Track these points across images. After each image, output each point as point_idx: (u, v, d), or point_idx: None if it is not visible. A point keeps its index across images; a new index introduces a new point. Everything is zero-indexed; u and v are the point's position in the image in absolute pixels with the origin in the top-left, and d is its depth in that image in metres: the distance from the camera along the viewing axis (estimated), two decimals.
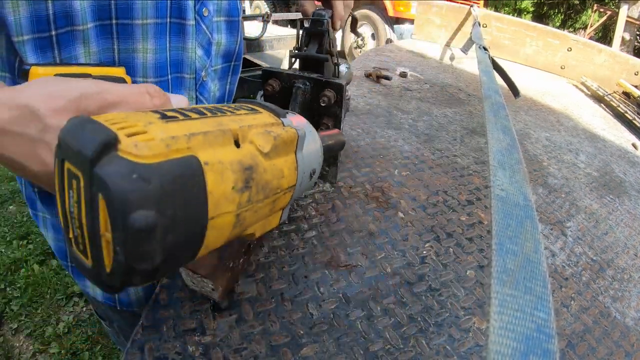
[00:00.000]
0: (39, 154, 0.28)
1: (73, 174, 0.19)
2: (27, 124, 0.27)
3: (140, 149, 0.18)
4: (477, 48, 1.11)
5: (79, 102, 0.27)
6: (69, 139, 0.19)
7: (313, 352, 0.40)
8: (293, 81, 0.56)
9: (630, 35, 5.51)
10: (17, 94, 0.27)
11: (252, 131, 0.25)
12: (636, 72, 1.42)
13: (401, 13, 4.61)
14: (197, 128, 0.22)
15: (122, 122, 0.20)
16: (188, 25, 0.49)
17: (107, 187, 0.17)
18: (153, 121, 0.20)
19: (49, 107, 0.27)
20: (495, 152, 0.42)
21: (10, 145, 0.28)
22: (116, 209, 0.17)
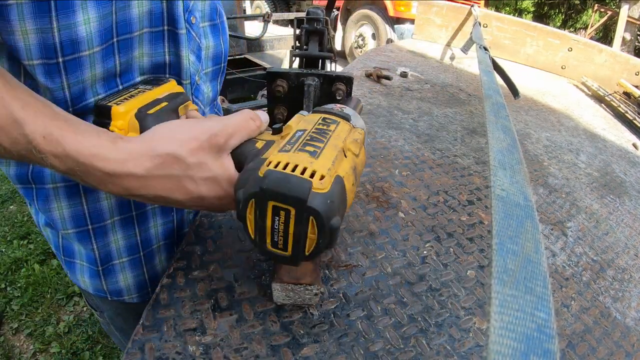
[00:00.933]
0: (184, 186, 0.35)
1: (281, 208, 0.29)
2: (171, 167, 0.33)
3: (323, 185, 0.30)
4: (478, 48, 1.11)
5: (210, 141, 0.34)
6: (278, 188, 0.29)
7: (313, 352, 0.40)
8: (302, 79, 0.56)
9: (630, 35, 5.51)
10: (154, 144, 0.33)
11: (347, 143, 0.36)
12: (637, 72, 1.42)
13: (402, 13, 4.61)
14: (331, 156, 0.33)
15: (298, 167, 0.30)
16: (180, 34, 0.50)
17: (318, 212, 0.29)
18: (311, 160, 0.31)
19: (188, 150, 0.33)
20: (495, 152, 0.42)
21: (155, 186, 0.34)
22: (324, 223, 0.30)
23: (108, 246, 0.56)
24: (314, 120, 0.38)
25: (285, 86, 0.57)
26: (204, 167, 0.34)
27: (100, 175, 0.33)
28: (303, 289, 0.43)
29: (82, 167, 0.32)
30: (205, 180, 0.35)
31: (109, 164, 0.32)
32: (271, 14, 2.56)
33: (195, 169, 0.34)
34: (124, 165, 0.32)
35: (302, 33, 0.62)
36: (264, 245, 0.32)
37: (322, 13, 0.60)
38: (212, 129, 0.34)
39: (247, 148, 0.37)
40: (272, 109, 0.59)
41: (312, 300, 0.44)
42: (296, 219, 0.30)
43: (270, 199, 0.30)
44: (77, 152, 0.32)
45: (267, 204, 0.30)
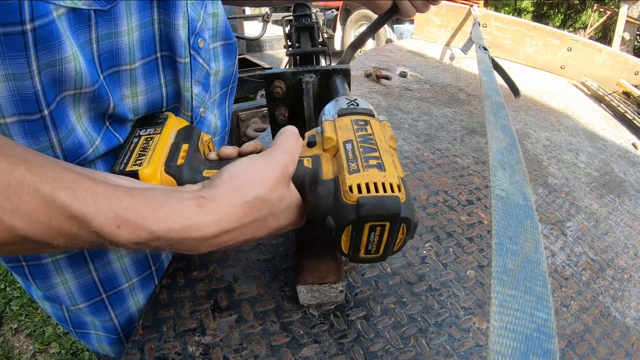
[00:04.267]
0: (268, 223, 0.34)
1: (377, 226, 0.32)
2: (259, 210, 0.32)
3: (402, 194, 0.33)
4: (477, 48, 1.11)
5: (284, 173, 0.34)
6: (376, 212, 0.31)
7: (313, 352, 0.40)
8: (299, 78, 0.56)
9: (630, 35, 5.51)
10: (239, 192, 0.31)
11: (388, 141, 0.38)
12: (636, 72, 1.42)
13: None
14: (390, 162, 0.35)
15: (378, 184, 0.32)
16: (180, 63, 0.43)
17: (408, 219, 0.32)
18: (384, 174, 0.33)
19: (270, 189, 0.32)
20: (495, 152, 0.42)
21: (246, 231, 0.33)
22: (411, 224, 0.33)
23: (128, 311, 0.51)
24: (349, 126, 0.39)
25: (284, 87, 0.57)
26: (283, 199, 0.34)
27: (196, 242, 0.30)
28: (328, 287, 0.43)
29: (174, 241, 0.29)
30: (284, 210, 0.35)
31: (206, 230, 0.29)
32: (270, 14, 2.56)
33: (277, 204, 0.34)
34: (219, 226, 0.30)
35: (292, 31, 0.62)
36: (357, 255, 0.35)
37: (309, 8, 0.59)
38: (282, 161, 0.34)
39: (300, 169, 0.37)
40: (272, 110, 0.59)
41: (338, 298, 0.44)
42: (390, 229, 0.33)
43: (367, 222, 0.32)
44: (167, 231, 0.28)
45: (364, 227, 0.32)
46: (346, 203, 0.32)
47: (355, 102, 0.43)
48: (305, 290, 0.43)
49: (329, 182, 0.35)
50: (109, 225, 0.26)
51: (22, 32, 0.29)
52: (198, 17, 0.44)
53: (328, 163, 0.37)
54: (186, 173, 0.38)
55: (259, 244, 0.52)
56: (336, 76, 0.56)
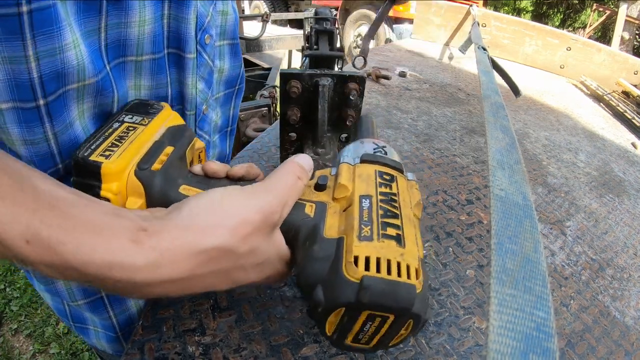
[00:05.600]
0: (232, 277, 0.28)
1: (378, 316, 0.26)
2: (219, 262, 0.26)
3: (420, 283, 0.26)
4: (477, 48, 1.11)
5: (266, 222, 0.27)
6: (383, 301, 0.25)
7: (313, 352, 0.40)
8: (315, 80, 0.57)
9: (629, 35, 5.51)
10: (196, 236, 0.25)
11: (413, 208, 0.31)
12: (635, 72, 1.42)
13: (400, 13, 4.61)
14: (413, 236, 0.28)
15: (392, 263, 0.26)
16: (188, 59, 0.41)
17: (419, 316, 0.26)
18: (401, 252, 0.26)
19: (238, 239, 0.26)
20: (494, 151, 0.42)
21: (199, 284, 0.26)
22: (421, 322, 0.26)
23: (127, 311, 0.49)
24: (371, 177, 0.31)
25: (300, 87, 0.57)
26: (257, 253, 0.28)
27: (123, 285, 0.23)
28: None
29: (92, 278, 0.23)
30: (257, 265, 0.28)
31: (134, 273, 0.23)
32: (270, 14, 2.56)
33: (247, 257, 0.27)
34: (156, 272, 0.24)
35: (312, 33, 0.63)
36: (342, 341, 0.28)
37: (331, 13, 0.60)
38: (267, 206, 0.27)
39: (298, 216, 0.30)
40: (285, 110, 0.60)
41: None
42: (393, 324, 0.26)
43: (367, 310, 0.25)
44: (84, 263, 0.22)
45: (361, 313, 0.25)
46: (346, 278, 0.25)
47: (384, 149, 0.36)
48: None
49: (330, 241, 0.28)
50: (17, 239, 0.21)
51: (17, 13, 0.27)
52: (207, 13, 0.43)
53: (335, 217, 0.30)
54: (158, 182, 0.31)
55: None
56: (365, 117, 0.54)
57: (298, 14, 3.80)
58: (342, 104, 0.61)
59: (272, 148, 0.74)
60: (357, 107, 0.61)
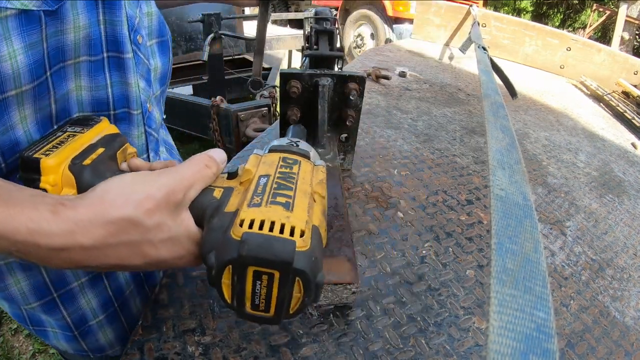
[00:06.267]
0: (143, 251, 0.31)
1: (263, 272, 0.27)
2: (127, 233, 0.29)
3: (304, 241, 0.28)
4: (477, 48, 1.11)
5: (168, 198, 0.30)
6: (261, 254, 0.27)
7: (313, 352, 0.40)
8: (315, 80, 0.57)
9: (629, 35, 5.52)
10: (102, 207, 0.29)
11: (314, 186, 0.34)
12: (635, 72, 1.42)
13: (400, 13, 4.61)
14: (304, 204, 0.31)
15: (276, 224, 0.28)
16: (127, 59, 0.44)
17: (304, 273, 0.27)
18: (287, 215, 0.29)
19: (144, 212, 0.29)
20: (494, 151, 0.42)
21: (109, 255, 0.30)
22: (310, 281, 0.28)
23: (80, 310, 0.51)
24: (275, 162, 0.35)
25: (300, 87, 0.57)
26: (163, 227, 0.31)
27: (44, 252, 0.28)
28: (342, 288, 0.43)
29: (21, 246, 0.27)
30: (165, 241, 0.31)
31: (52, 239, 0.27)
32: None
33: (153, 231, 0.30)
34: (71, 238, 0.28)
35: (312, 33, 0.63)
36: (243, 309, 0.30)
37: (331, 13, 0.60)
38: (168, 185, 0.31)
39: (206, 199, 0.33)
40: (285, 110, 0.60)
41: (349, 299, 0.44)
42: (281, 282, 0.28)
43: (251, 265, 0.27)
44: (12, 231, 0.26)
45: (246, 270, 0.28)
46: (231, 238, 0.28)
47: (297, 143, 0.39)
48: None
49: (227, 214, 0.31)
50: None
51: None
52: (135, 15, 0.46)
53: (237, 196, 0.33)
54: (87, 175, 0.35)
55: None
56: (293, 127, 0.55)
57: (298, 14, 3.80)
58: (342, 104, 0.61)
59: None
60: (357, 107, 0.61)
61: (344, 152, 0.67)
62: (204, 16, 2.17)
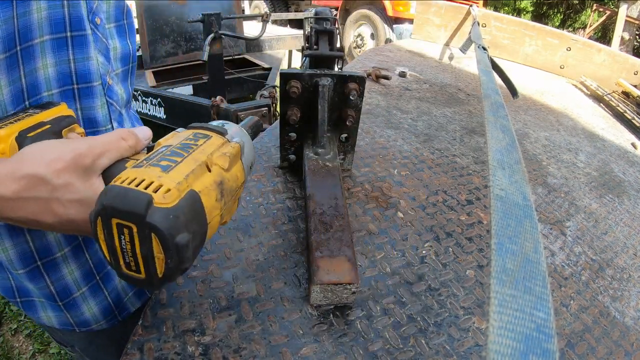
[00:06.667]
0: (52, 208, 0.33)
1: (124, 225, 0.28)
2: (37, 189, 0.32)
3: (166, 199, 0.28)
4: (477, 48, 1.11)
5: (76, 161, 0.33)
6: (117, 204, 0.28)
7: (312, 352, 0.40)
8: (315, 80, 0.57)
9: (629, 35, 5.51)
10: (18, 165, 0.32)
11: (214, 156, 0.34)
12: (635, 72, 1.42)
13: (400, 13, 4.61)
14: (187, 169, 0.31)
15: (144, 181, 0.29)
16: (86, 35, 0.48)
17: (158, 228, 0.27)
18: (160, 175, 0.30)
19: (52, 171, 0.32)
20: (494, 151, 0.42)
21: (23, 208, 0.33)
22: (167, 239, 0.28)
23: (63, 279, 0.54)
24: (184, 136, 0.36)
25: (300, 87, 0.57)
26: (71, 188, 0.33)
27: None
28: (342, 288, 0.43)
29: None
30: (73, 202, 0.34)
31: None
32: (270, 14, 2.56)
33: (61, 190, 0.33)
34: None
35: (312, 33, 0.63)
36: (119, 268, 0.31)
37: (331, 13, 0.60)
38: (77, 149, 0.33)
39: (118, 169, 0.35)
40: (285, 110, 0.60)
41: (349, 299, 0.45)
42: (139, 237, 0.28)
43: (112, 216, 0.28)
44: None
45: (111, 222, 0.29)
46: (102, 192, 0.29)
47: (224, 125, 0.40)
48: (319, 290, 0.43)
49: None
50: None
51: None
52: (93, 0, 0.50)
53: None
54: (28, 144, 0.38)
55: (258, 244, 0.52)
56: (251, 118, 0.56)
57: (298, 14, 3.80)
58: (342, 104, 0.61)
59: (272, 148, 0.74)
60: (357, 107, 0.61)
61: (344, 152, 0.67)
62: (204, 16, 2.17)
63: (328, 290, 0.43)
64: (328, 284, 0.43)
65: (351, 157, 0.69)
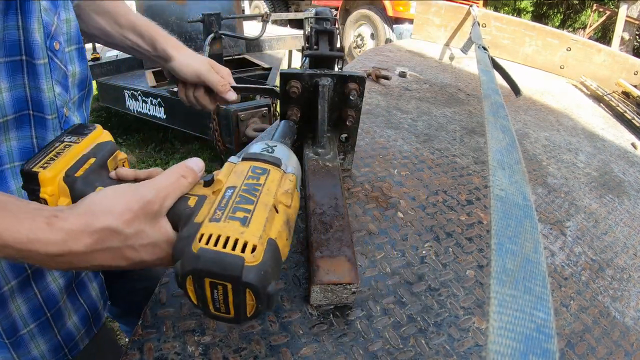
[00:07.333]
0: (125, 255, 0.35)
1: (218, 284, 0.31)
2: (110, 240, 0.33)
3: (255, 257, 0.31)
4: (477, 48, 1.11)
5: (145, 209, 0.34)
6: (212, 268, 0.30)
7: (312, 352, 0.40)
8: (315, 80, 0.57)
9: (629, 35, 5.51)
10: (90, 219, 0.33)
11: (278, 196, 0.36)
12: (635, 72, 1.42)
13: (400, 13, 4.61)
14: (262, 218, 0.33)
15: (229, 239, 0.31)
16: (39, 65, 0.46)
17: (252, 284, 0.30)
18: (242, 230, 0.32)
19: (123, 222, 0.33)
20: (494, 151, 0.42)
21: (97, 259, 0.34)
22: (260, 292, 0.31)
23: (10, 316, 0.50)
24: (244, 173, 0.37)
25: (300, 87, 0.57)
26: (142, 235, 0.34)
27: (43, 257, 0.32)
28: (342, 288, 0.43)
29: (23, 253, 0.32)
30: (145, 246, 0.35)
31: (49, 247, 0.32)
32: (270, 14, 2.56)
33: (133, 238, 0.34)
34: (64, 246, 0.32)
35: (312, 33, 0.63)
36: (208, 310, 0.33)
37: (331, 13, 0.60)
38: (145, 197, 0.34)
39: (181, 207, 0.36)
40: (285, 110, 0.60)
41: (349, 299, 0.45)
42: (234, 292, 0.31)
43: (206, 277, 0.31)
44: (14, 241, 0.31)
45: (204, 281, 0.31)
46: (191, 251, 0.31)
47: (273, 148, 0.41)
48: (319, 290, 0.43)
49: (196, 225, 0.34)
50: None
51: None
52: (52, 22, 0.47)
53: (208, 206, 0.36)
54: (79, 185, 0.39)
55: None
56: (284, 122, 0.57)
57: (298, 14, 3.80)
58: (342, 104, 0.61)
59: None
60: (357, 107, 0.61)
61: (344, 152, 0.67)
62: (204, 16, 2.17)
63: (328, 290, 0.43)
64: (328, 284, 0.43)
65: (351, 157, 0.69)
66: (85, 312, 0.59)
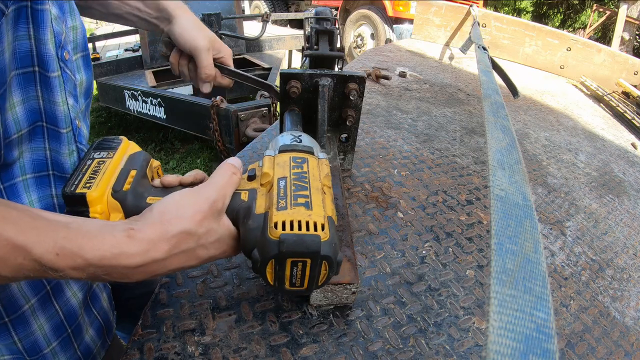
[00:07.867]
0: (198, 254, 0.37)
1: (298, 261, 0.35)
2: (186, 242, 0.35)
3: (325, 233, 0.35)
4: (477, 48, 1.11)
5: (212, 208, 0.37)
6: (296, 249, 0.34)
7: (312, 352, 0.40)
8: (315, 80, 0.57)
9: (629, 35, 5.51)
10: (165, 226, 0.35)
11: (322, 180, 0.40)
12: (635, 72, 1.42)
13: (400, 13, 4.61)
14: (318, 201, 0.37)
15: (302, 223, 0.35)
16: (53, 78, 0.45)
17: (329, 257, 0.35)
18: (309, 213, 0.36)
19: (196, 223, 0.35)
20: (494, 151, 0.42)
21: (173, 263, 0.36)
22: (333, 262, 0.35)
23: (32, 335, 0.49)
24: (287, 163, 0.41)
25: (300, 87, 0.57)
26: (212, 232, 0.37)
27: (126, 270, 0.33)
28: (342, 288, 0.43)
29: (106, 269, 0.33)
30: (214, 243, 0.38)
31: (134, 259, 0.33)
32: (270, 14, 2.56)
33: (204, 237, 0.36)
34: (146, 256, 0.34)
35: (312, 33, 0.63)
36: (283, 286, 0.37)
37: (331, 13, 0.60)
38: (210, 197, 0.37)
39: (236, 202, 0.39)
40: (285, 110, 0.60)
41: (349, 299, 0.45)
42: (312, 266, 0.35)
43: (288, 257, 0.35)
44: (100, 259, 0.32)
45: (286, 261, 0.35)
46: (270, 238, 0.34)
47: (300, 138, 0.45)
48: (319, 290, 0.43)
49: (259, 216, 0.37)
50: (48, 254, 0.30)
51: None
52: (61, 31, 0.46)
53: (262, 198, 0.39)
54: (130, 198, 0.40)
55: None
56: (288, 112, 0.57)
57: (298, 14, 3.80)
58: (342, 104, 0.61)
59: None
60: (357, 107, 0.61)
61: (344, 152, 0.67)
62: (204, 16, 2.17)
63: (328, 290, 0.43)
64: (333, 283, 0.43)
65: (351, 157, 0.69)
66: (100, 325, 0.59)
